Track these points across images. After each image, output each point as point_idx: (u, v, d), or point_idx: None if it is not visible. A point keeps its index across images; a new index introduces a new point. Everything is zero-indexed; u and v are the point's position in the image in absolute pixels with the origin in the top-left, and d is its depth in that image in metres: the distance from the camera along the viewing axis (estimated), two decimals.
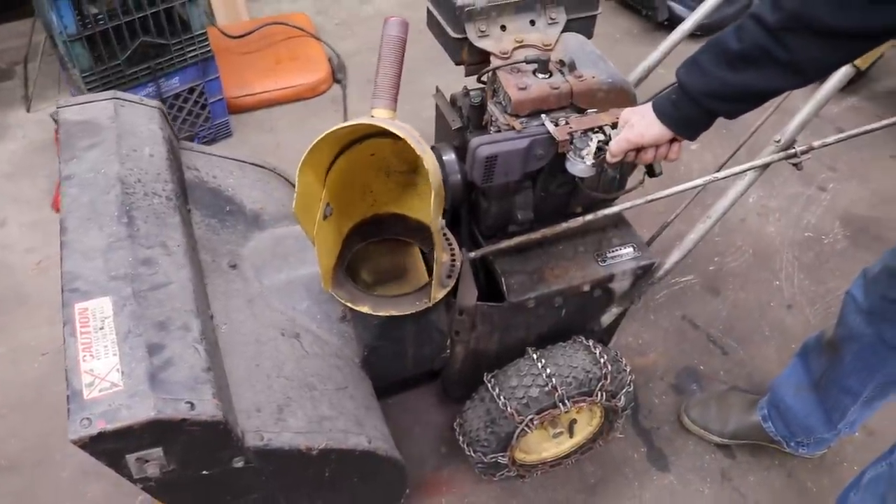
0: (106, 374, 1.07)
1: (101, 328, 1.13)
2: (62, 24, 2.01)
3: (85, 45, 2.08)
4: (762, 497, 1.74)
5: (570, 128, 1.32)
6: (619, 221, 1.66)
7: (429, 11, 1.55)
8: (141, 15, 2.13)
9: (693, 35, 1.79)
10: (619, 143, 1.22)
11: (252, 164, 1.77)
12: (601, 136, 1.31)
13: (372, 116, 1.19)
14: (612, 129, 1.31)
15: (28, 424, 1.83)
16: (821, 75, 1.03)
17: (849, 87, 2.85)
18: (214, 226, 1.53)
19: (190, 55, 2.31)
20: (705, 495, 1.74)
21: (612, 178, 1.51)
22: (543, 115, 1.34)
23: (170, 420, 1.03)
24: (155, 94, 2.29)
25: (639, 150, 1.22)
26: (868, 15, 0.93)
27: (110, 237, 1.26)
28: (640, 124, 1.19)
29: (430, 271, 1.54)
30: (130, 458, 1.08)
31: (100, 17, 2.07)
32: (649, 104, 1.19)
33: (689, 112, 1.13)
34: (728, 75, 1.06)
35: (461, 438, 1.61)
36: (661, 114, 1.16)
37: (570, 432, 1.69)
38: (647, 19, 3.19)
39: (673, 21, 2.98)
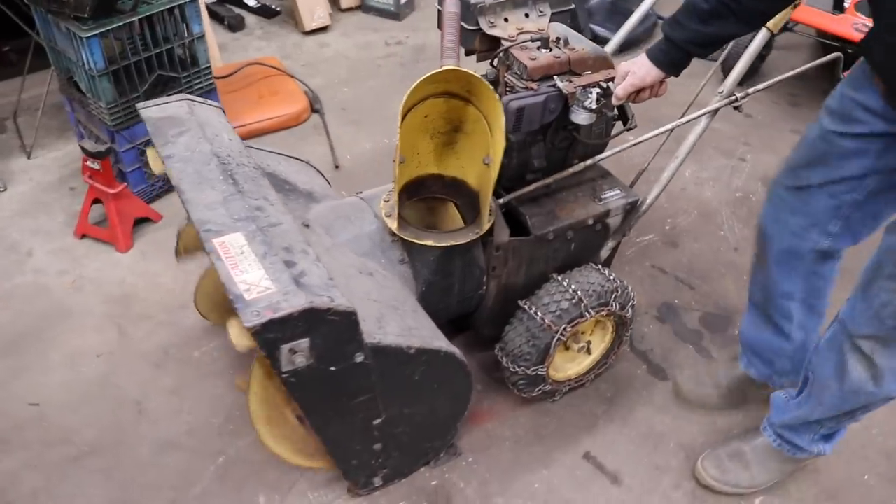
0: (258, 282, 1.32)
1: (242, 253, 1.38)
2: (92, 61, 2.25)
3: (111, 80, 2.32)
4: None
5: (575, 84, 1.70)
6: (605, 174, 2.04)
7: (440, 13, 1.90)
8: (158, 51, 2.40)
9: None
10: (624, 87, 1.61)
11: (292, 157, 2.05)
12: (598, 90, 1.70)
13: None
14: (606, 83, 1.70)
15: (99, 415, 1.98)
16: (762, 22, 1.49)
17: (746, 81, 3.44)
18: (281, 198, 1.80)
19: (196, 87, 2.58)
20: None
21: (601, 128, 1.90)
22: (557, 77, 1.71)
23: (318, 308, 1.28)
24: None
25: (639, 91, 1.62)
26: None
27: (223, 193, 1.52)
28: (640, 71, 1.59)
29: (465, 220, 1.85)
30: (284, 349, 1.31)
31: (122, 54, 2.33)
32: (644, 56, 1.59)
33: (674, 56, 1.55)
34: (700, 27, 1.49)
35: (504, 359, 1.90)
36: (655, 60, 1.57)
37: (588, 351, 2.01)
38: None
39: (597, 41, 3.50)
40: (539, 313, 1.82)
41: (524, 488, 1.86)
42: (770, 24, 1.87)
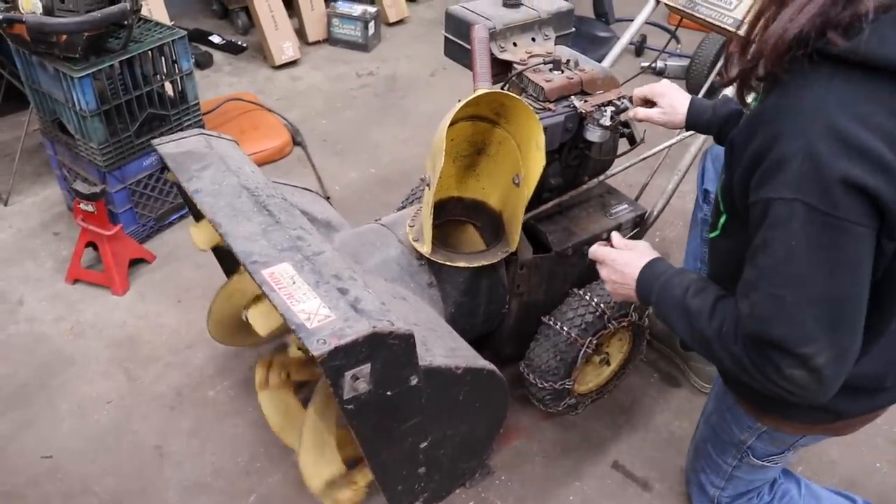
0: (316, 310, 1.32)
1: (294, 283, 1.37)
2: (84, 101, 2.20)
3: (102, 120, 2.28)
4: None
5: (590, 104, 1.77)
6: (611, 190, 2.11)
7: (448, 40, 1.94)
8: (148, 89, 2.37)
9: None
10: (649, 116, 1.68)
11: (302, 188, 2.05)
12: (612, 108, 1.77)
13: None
14: (620, 100, 1.78)
15: (118, 462, 1.92)
16: None
17: (713, 95, 3.61)
18: None
19: (186, 124, 2.55)
20: None
21: (610, 146, 1.97)
22: (573, 97, 1.77)
23: (381, 333, 1.28)
24: (158, 161, 2.49)
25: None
26: None
27: (261, 224, 1.51)
28: (671, 114, 1.66)
29: (486, 242, 1.88)
30: (347, 376, 1.31)
31: (113, 93, 2.29)
32: (685, 102, 1.65)
33: (702, 125, 1.65)
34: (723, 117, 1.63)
35: (531, 376, 1.93)
36: (694, 109, 1.64)
37: (608, 362, 2.06)
38: None
39: None
40: (564, 328, 1.85)
41: (560, 502, 1.88)
42: None
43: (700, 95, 2.28)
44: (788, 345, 1.03)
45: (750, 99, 1.15)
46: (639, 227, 2.05)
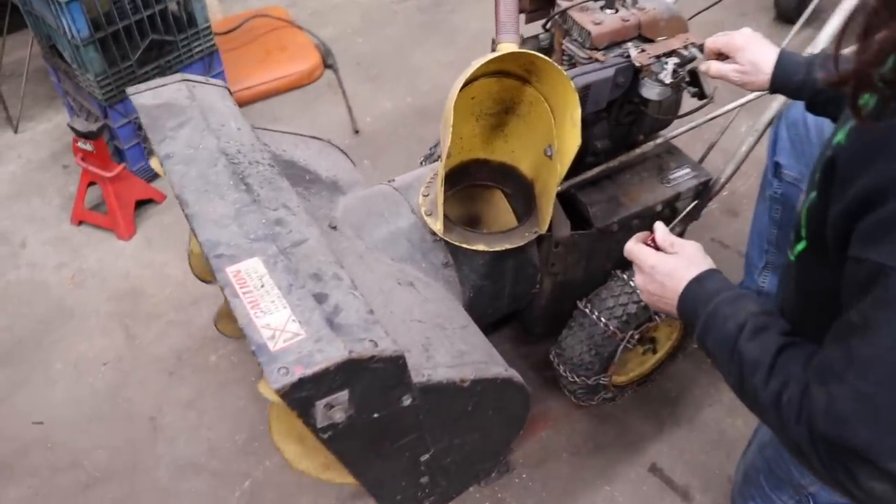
0: (284, 325, 1.08)
1: (262, 286, 1.14)
2: (75, 29, 1.96)
3: (98, 49, 2.03)
4: None
5: (649, 54, 1.41)
6: (671, 149, 1.77)
7: None
8: (150, 12, 2.10)
9: None
10: (720, 71, 1.32)
11: (310, 137, 1.79)
12: (675, 60, 1.41)
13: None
14: (688, 49, 1.42)
15: (110, 434, 1.80)
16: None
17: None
18: (302, 193, 1.56)
19: (196, 50, 2.29)
20: None
21: (671, 101, 1.62)
22: (629, 44, 1.42)
23: (360, 358, 1.04)
24: None
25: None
26: None
27: (235, 203, 1.27)
28: (753, 73, 1.29)
29: (516, 213, 1.60)
30: (319, 405, 1.09)
31: (108, 17, 2.03)
32: (770, 59, 1.28)
33: (794, 88, 1.27)
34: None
35: (561, 367, 1.68)
36: (780, 76, 1.27)
37: (654, 350, 1.79)
38: None
39: None
40: (602, 318, 1.58)
41: None
42: None
43: (795, 30, 1.86)
44: (874, 456, 0.74)
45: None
46: (701, 196, 1.72)
